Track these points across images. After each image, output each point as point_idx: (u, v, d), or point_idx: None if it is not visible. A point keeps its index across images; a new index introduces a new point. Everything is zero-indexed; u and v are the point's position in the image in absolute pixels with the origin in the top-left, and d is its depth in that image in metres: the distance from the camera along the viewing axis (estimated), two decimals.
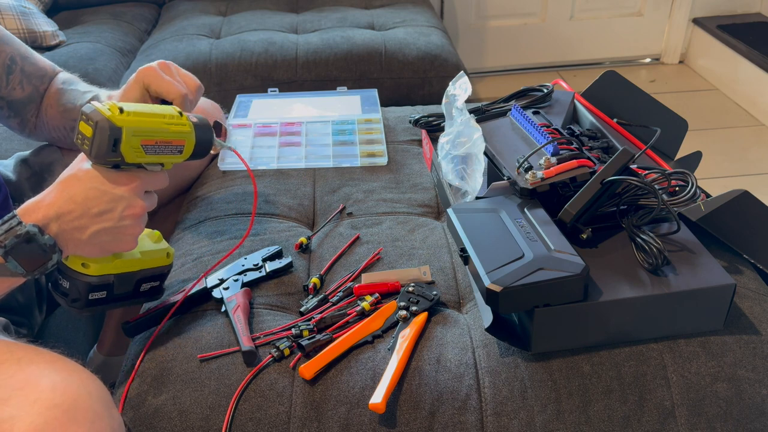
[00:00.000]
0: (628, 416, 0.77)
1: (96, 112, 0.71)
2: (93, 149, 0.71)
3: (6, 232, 0.69)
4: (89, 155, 0.73)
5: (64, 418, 0.61)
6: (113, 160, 0.73)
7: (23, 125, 1.05)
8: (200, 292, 0.90)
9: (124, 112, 0.72)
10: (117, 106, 0.73)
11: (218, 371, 0.80)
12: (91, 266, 0.76)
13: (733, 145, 2.35)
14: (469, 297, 0.91)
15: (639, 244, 0.82)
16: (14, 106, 1.02)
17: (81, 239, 0.73)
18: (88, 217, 0.72)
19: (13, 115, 1.03)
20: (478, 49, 2.84)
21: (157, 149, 0.76)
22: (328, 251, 0.99)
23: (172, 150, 0.78)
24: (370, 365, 0.80)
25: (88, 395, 0.64)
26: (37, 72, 1.03)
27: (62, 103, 1.03)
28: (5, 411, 0.61)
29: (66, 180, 0.73)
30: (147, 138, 0.75)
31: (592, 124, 1.09)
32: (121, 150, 0.72)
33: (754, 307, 0.85)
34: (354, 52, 1.90)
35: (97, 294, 0.78)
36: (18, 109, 1.02)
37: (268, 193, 1.13)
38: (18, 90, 1.00)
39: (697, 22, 2.83)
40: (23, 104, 1.02)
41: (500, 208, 0.87)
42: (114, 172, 0.74)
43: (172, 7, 2.36)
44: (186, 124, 0.79)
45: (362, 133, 1.30)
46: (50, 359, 0.67)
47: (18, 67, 0.99)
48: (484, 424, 0.76)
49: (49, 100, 1.04)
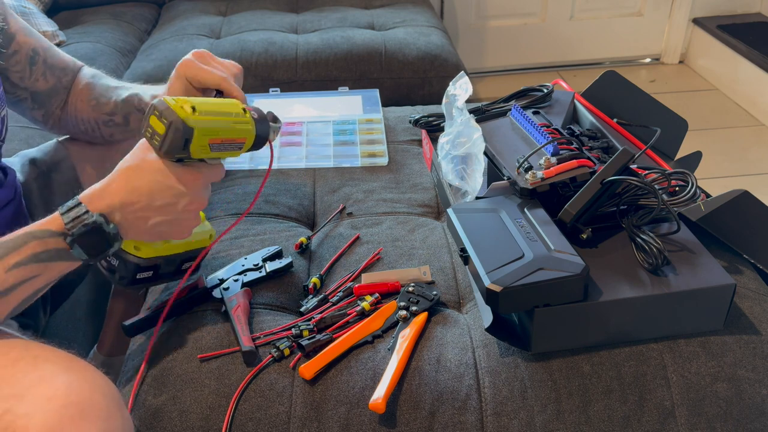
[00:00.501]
0: (628, 416, 0.77)
1: (170, 111, 0.71)
2: (164, 146, 0.72)
3: (73, 221, 0.70)
4: (157, 150, 0.73)
5: (78, 416, 0.62)
6: (180, 155, 0.74)
7: (47, 117, 1.06)
8: (200, 292, 0.90)
9: (197, 111, 0.73)
10: (189, 103, 0.73)
11: (218, 371, 0.80)
12: (143, 249, 0.79)
13: (733, 145, 2.35)
14: (469, 297, 0.91)
15: (639, 244, 0.82)
16: (38, 97, 1.02)
17: (142, 228, 0.75)
18: (151, 209, 0.73)
19: (37, 107, 1.03)
20: (478, 49, 2.84)
21: (221, 147, 0.78)
22: (328, 251, 0.99)
23: (234, 147, 0.80)
24: (370, 365, 0.80)
25: (101, 394, 0.65)
26: (59, 64, 1.03)
27: (93, 97, 1.04)
28: (20, 408, 0.61)
29: (129, 169, 0.74)
30: (214, 137, 0.76)
31: (592, 124, 1.09)
32: (190, 148, 0.74)
33: (754, 307, 0.85)
34: (354, 52, 1.90)
35: (144, 274, 0.80)
36: (42, 101, 1.03)
37: (268, 193, 1.13)
38: (41, 81, 1.01)
39: (697, 22, 2.83)
40: (47, 96, 1.03)
41: (500, 208, 0.87)
42: (179, 167, 0.75)
43: (172, 7, 2.36)
44: (249, 122, 0.81)
45: (363, 133, 1.30)
46: (65, 358, 0.68)
47: (41, 59, 1.00)
48: (484, 424, 0.76)
49: (79, 95, 1.04)
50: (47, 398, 0.62)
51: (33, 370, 0.65)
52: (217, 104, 0.77)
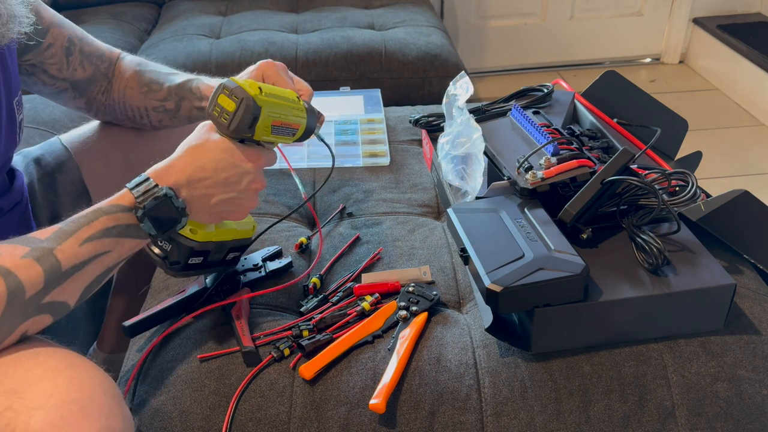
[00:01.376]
0: (628, 416, 0.77)
1: (240, 89, 0.75)
2: (233, 123, 0.75)
3: (144, 194, 0.73)
4: (226, 128, 0.76)
5: (80, 413, 0.62)
6: (245, 135, 0.77)
7: (90, 105, 1.06)
8: (200, 292, 0.90)
9: (263, 92, 0.76)
10: (257, 84, 0.76)
11: (218, 371, 0.80)
12: (199, 233, 0.80)
13: (733, 145, 2.35)
14: (469, 297, 0.91)
15: (639, 244, 0.82)
16: (78, 86, 1.03)
17: (205, 207, 0.77)
18: (217, 186, 0.76)
19: (78, 95, 1.04)
20: (478, 49, 2.84)
21: (280, 130, 0.81)
22: (328, 251, 0.99)
23: (289, 132, 0.83)
24: (370, 365, 0.80)
25: (102, 392, 0.65)
26: (96, 52, 1.04)
27: (144, 83, 1.04)
28: (22, 404, 0.61)
29: (195, 148, 0.76)
30: (276, 119, 0.79)
31: (592, 124, 1.09)
32: (255, 127, 0.76)
33: (754, 307, 0.85)
34: (354, 52, 1.90)
35: (195, 259, 0.81)
36: (82, 90, 1.03)
37: (268, 193, 1.13)
38: (80, 71, 1.01)
39: (697, 22, 2.82)
40: (87, 84, 1.03)
41: (500, 208, 0.87)
42: (243, 147, 0.78)
43: (172, 7, 2.36)
44: (303, 110, 0.84)
45: (365, 133, 1.30)
46: (66, 355, 0.68)
47: (77, 48, 1.00)
48: (484, 424, 0.76)
49: (127, 82, 1.05)
50: (48, 395, 0.62)
51: (34, 367, 0.65)
52: (278, 89, 0.81)
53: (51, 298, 0.68)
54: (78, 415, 0.61)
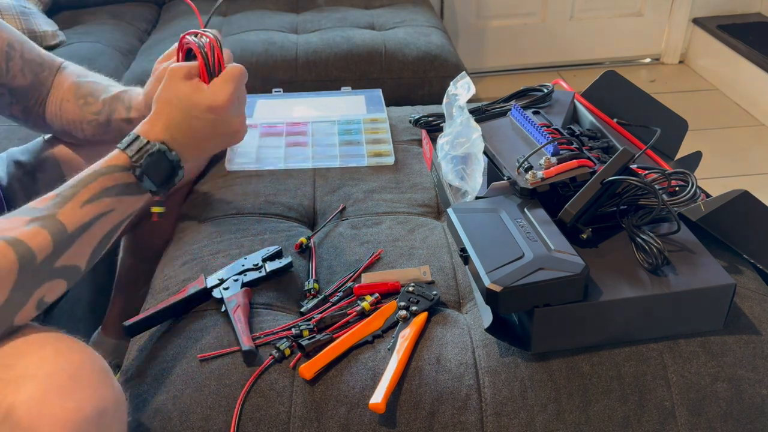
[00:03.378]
0: (628, 416, 0.77)
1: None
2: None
3: (138, 152, 0.74)
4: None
5: (70, 381, 0.62)
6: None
7: (27, 114, 1.04)
8: (200, 292, 0.90)
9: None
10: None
11: (218, 371, 0.80)
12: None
13: (733, 145, 2.35)
14: (469, 297, 0.91)
15: (639, 244, 0.82)
16: (16, 93, 1.01)
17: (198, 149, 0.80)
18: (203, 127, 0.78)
19: (15, 101, 1.02)
20: (478, 49, 2.84)
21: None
22: (328, 251, 0.99)
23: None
24: (370, 365, 0.80)
25: (91, 363, 0.65)
26: (36, 59, 1.02)
27: (81, 96, 1.03)
28: (11, 374, 0.62)
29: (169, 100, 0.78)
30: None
31: (592, 124, 1.09)
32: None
33: (754, 307, 0.85)
34: (354, 52, 1.90)
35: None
36: (20, 97, 1.02)
37: (269, 193, 1.13)
38: (19, 77, 1.00)
39: (697, 22, 2.83)
40: (25, 91, 1.02)
41: (500, 208, 0.87)
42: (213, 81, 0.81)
43: (172, 7, 2.36)
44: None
45: (368, 132, 1.30)
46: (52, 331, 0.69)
47: (17, 54, 0.99)
48: (484, 424, 0.76)
49: (64, 94, 1.03)
50: (37, 365, 0.62)
51: (21, 343, 0.66)
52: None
53: (62, 262, 0.69)
54: (68, 384, 0.62)
